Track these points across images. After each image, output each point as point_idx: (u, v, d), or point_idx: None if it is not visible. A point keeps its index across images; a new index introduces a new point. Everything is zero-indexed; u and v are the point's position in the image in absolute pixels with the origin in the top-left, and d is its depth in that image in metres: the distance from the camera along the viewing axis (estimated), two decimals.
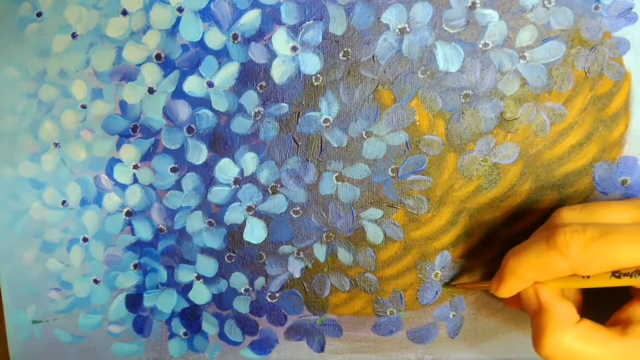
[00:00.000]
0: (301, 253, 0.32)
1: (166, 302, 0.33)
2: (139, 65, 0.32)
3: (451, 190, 0.31)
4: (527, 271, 0.25)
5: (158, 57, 0.32)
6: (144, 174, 0.32)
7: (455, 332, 0.32)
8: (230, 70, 0.31)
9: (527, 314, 0.27)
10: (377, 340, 0.32)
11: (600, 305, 0.26)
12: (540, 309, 0.26)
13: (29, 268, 0.34)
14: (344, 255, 0.32)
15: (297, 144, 0.31)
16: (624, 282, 0.24)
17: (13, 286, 0.34)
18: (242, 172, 0.32)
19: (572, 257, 0.24)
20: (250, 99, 0.31)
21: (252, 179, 0.32)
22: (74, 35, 0.32)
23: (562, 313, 0.25)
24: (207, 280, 0.33)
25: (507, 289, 0.27)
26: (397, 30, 0.30)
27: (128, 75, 0.32)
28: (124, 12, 0.32)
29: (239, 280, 0.33)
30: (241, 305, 0.33)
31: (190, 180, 0.32)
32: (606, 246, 0.23)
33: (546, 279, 0.26)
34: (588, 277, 0.25)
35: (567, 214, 0.26)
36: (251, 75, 0.31)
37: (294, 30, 0.30)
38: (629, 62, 0.29)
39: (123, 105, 0.32)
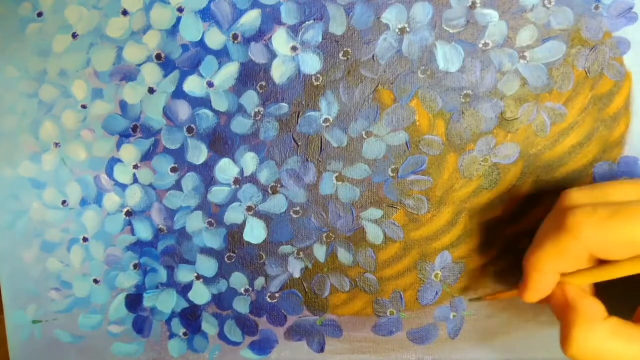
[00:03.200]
0: (301, 253, 0.32)
1: (166, 302, 0.33)
2: (139, 65, 0.32)
3: (451, 190, 0.31)
4: (547, 263, 0.25)
5: (158, 57, 0.32)
6: (144, 174, 0.32)
7: (455, 332, 0.32)
8: (230, 70, 0.31)
9: (557, 317, 0.26)
10: (377, 340, 0.32)
11: (620, 301, 0.26)
12: (568, 307, 0.25)
13: (29, 268, 0.34)
14: (343, 255, 0.32)
15: (297, 144, 0.31)
16: None
17: (13, 286, 0.34)
18: (242, 172, 0.32)
19: (587, 239, 0.23)
20: (250, 99, 0.31)
21: (252, 178, 0.32)
22: (74, 35, 0.32)
23: (590, 309, 0.24)
24: (207, 280, 0.33)
25: (533, 290, 0.26)
26: (397, 30, 0.30)
27: (128, 75, 0.32)
28: (124, 12, 0.32)
29: (238, 280, 0.33)
30: (241, 306, 0.33)
31: (190, 180, 0.32)
32: (619, 224, 0.22)
33: (568, 268, 0.25)
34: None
35: (576, 195, 0.25)
36: (251, 75, 0.31)
37: (294, 30, 0.30)
38: (629, 62, 0.29)
39: (123, 105, 0.32)
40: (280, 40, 0.31)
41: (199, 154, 0.32)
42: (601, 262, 0.24)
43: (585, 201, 0.24)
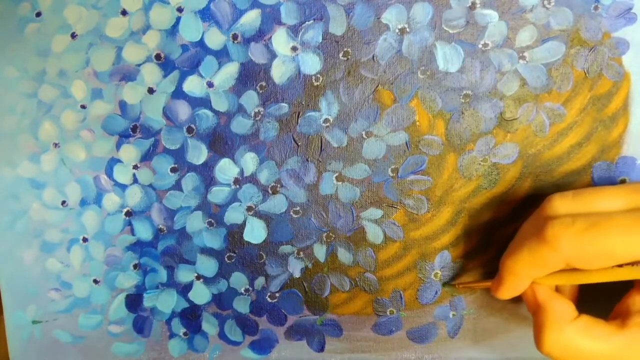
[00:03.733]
0: (301, 253, 0.32)
1: (166, 302, 0.33)
2: (139, 65, 0.32)
3: (451, 190, 0.31)
4: (523, 269, 0.25)
5: (158, 57, 0.32)
6: (144, 174, 0.32)
7: (455, 331, 0.32)
8: (230, 70, 0.31)
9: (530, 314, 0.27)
10: (377, 340, 0.32)
11: (602, 299, 0.27)
12: (538, 308, 0.26)
13: (29, 268, 0.34)
14: (344, 255, 0.32)
15: (297, 144, 0.31)
16: (627, 272, 0.24)
17: (13, 286, 0.34)
18: (242, 172, 0.32)
19: (564, 251, 0.23)
20: (250, 99, 0.31)
21: (252, 179, 0.32)
22: (73, 35, 0.32)
23: (559, 310, 0.25)
24: (207, 280, 0.33)
25: (506, 290, 0.27)
26: (397, 31, 0.30)
27: (128, 75, 0.32)
28: (124, 12, 0.32)
29: (239, 280, 0.33)
30: (241, 305, 0.33)
31: (190, 180, 0.32)
32: (596, 237, 0.23)
33: (543, 274, 0.25)
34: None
35: (559, 203, 0.25)
36: (251, 75, 0.31)
37: (294, 30, 0.30)
38: (628, 63, 0.29)
39: (123, 105, 0.32)
40: (280, 40, 0.31)
41: (199, 154, 0.32)
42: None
43: (566, 211, 0.25)
